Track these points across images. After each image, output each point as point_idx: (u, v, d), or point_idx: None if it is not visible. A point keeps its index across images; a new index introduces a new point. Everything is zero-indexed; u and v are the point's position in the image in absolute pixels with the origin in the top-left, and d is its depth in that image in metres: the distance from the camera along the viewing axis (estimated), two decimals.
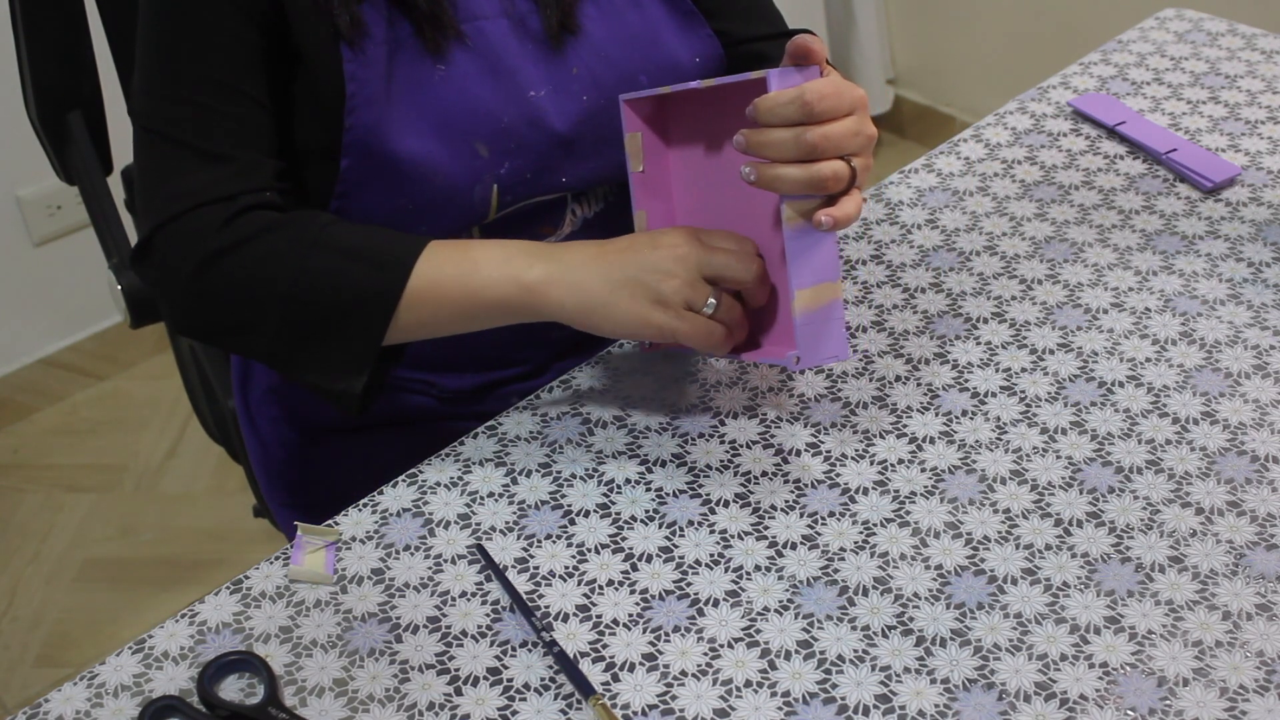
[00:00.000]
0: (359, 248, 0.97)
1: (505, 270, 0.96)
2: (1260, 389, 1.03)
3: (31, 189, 2.26)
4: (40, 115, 1.33)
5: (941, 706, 0.82)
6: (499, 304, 0.97)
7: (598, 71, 1.07)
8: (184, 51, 0.99)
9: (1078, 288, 1.14)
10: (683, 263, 0.94)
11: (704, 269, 0.94)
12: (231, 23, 0.98)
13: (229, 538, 2.11)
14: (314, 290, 0.95)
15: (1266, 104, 1.36)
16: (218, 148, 0.98)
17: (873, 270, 1.17)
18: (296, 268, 0.95)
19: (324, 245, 0.96)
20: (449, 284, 0.96)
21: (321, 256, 0.96)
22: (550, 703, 0.84)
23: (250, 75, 1.00)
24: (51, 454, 2.29)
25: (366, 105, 1.00)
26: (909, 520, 0.94)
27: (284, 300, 0.96)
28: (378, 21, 1.00)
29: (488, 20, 1.04)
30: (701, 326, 0.94)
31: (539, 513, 0.96)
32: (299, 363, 0.98)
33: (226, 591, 0.92)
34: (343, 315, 0.96)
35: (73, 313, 2.41)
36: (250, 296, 0.97)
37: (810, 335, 0.91)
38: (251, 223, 0.97)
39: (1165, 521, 0.93)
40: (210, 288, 0.97)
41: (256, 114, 1.00)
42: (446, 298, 0.96)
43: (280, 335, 0.97)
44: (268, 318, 0.97)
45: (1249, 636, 0.85)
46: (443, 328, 0.99)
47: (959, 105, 2.86)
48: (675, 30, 1.10)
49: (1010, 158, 1.31)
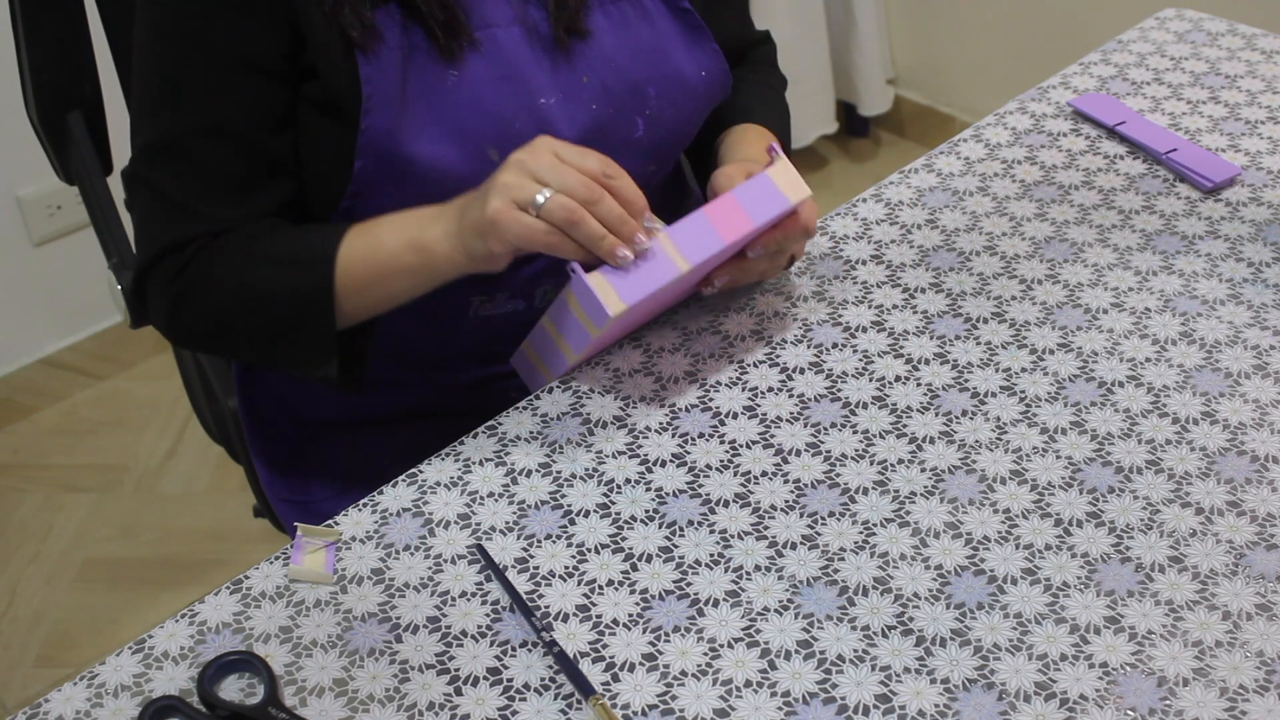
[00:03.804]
0: (285, 254, 1.04)
1: (403, 237, 1.01)
2: (1260, 389, 1.03)
3: (31, 189, 2.26)
4: (40, 115, 1.33)
5: (941, 706, 0.82)
6: (410, 271, 1.02)
7: (607, 81, 1.08)
8: (175, 93, 1.03)
9: (1078, 288, 1.14)
10: (517, 166, 0.96)
11: (534, 172, 0.96)
12: (227, 64, 1.02)
13: (229, 538, 2.11)
14: (259, 302, 1.04)
15: (1266, 104, 1.36)
16: (182, 197, 1.05)
17: (873, 270, 1.17)
18: (238, 285, 1.04)
19: (256, 259, 1.04)
20: (363, 267, 1.02)
21: (255, 270, 1.03)
22: (550, 703, 0.84)
23: (244, 111, 1.04)
24: (51, 454, 2.29)
25: (381, 109, 1.01)
26: (909, 520, 0.94)
27: (239, 317, 1.05)
28: (391, 27, 1.01)
29: (500, 28, 1.05)
30: (523, 223, 0.95)
31: (539, 513, 0.96)
32: (280, 361, 1.10)
33: (226, 591, 0.92)
34: (291, 318, 1.04)
35: (73, 313, 2.41)
36: (217, 322, 1.06)
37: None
38: (198, 263, 1.04)
39: (1165, 521, 0.93)
40: (183, 327, 1.08)
41: (238, 154, 1.05)
42: (371, 277, 1.02)
43: (253, 344, 1.08)
44: (237, 334, 1.07)
45: (1249, 636, 0.85)
46: (390, 301, 1.05)
47: (959, 105, 2.86)
48: (683, 45, 1.11)
49: (1010, 158, 1.31)
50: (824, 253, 1.19)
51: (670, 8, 1.11)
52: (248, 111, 1.03)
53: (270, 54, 1.02)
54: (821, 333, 1.10)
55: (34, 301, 2.36)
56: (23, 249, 2.31)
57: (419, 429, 1.21)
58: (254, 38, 1.01)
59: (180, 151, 1.03)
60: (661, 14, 1.11)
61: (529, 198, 0.94)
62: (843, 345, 1.09)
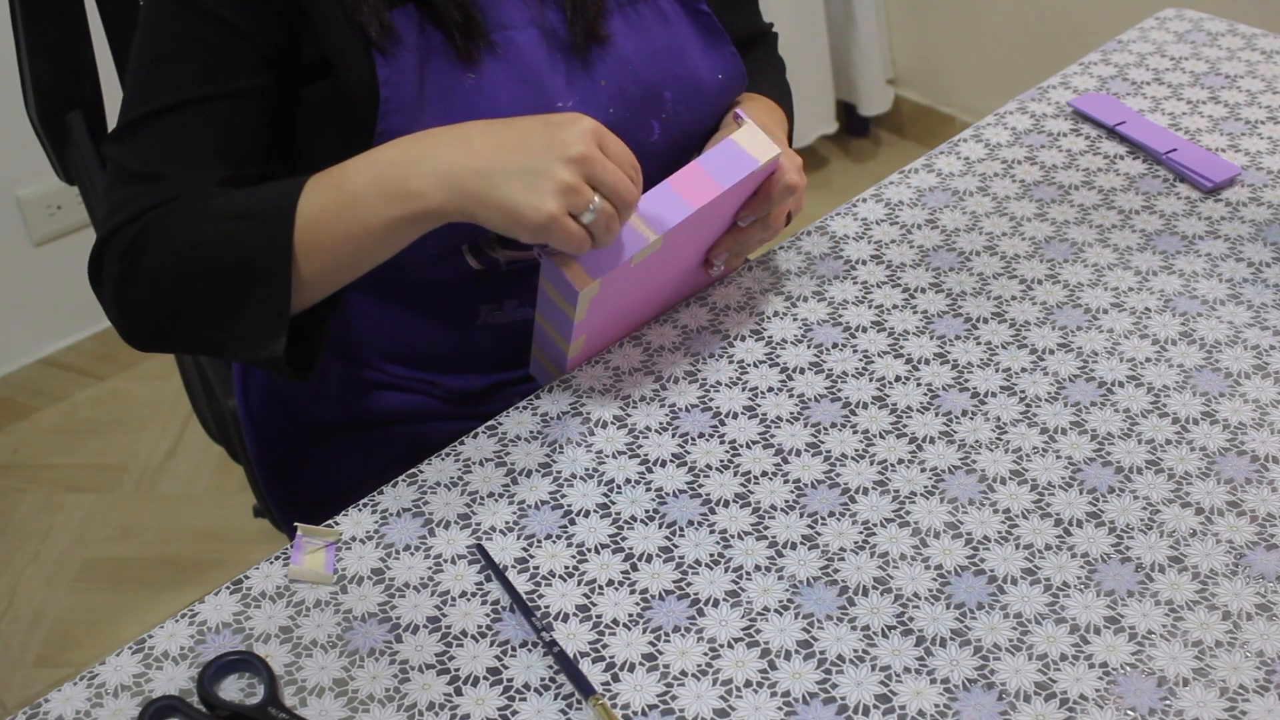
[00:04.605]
0: (241, 209, 0.95)
1: (381, 194, 0.93)
2: (1260, 389, 1.03)
3: (31, 189, 2.26)
4: (40, 115, 1.33)
5: (941, 706, 0.82)
6: (390, 230, 0.94)
7: (624, 84, 1.07)
8: (151, 68, 1.00)
9: (1078, 288, 1.14)
10: (576, 165, 0.91)
11: (590, 173, 0.91)
12: (211, 32, 0.98)
13: (229, 538, 2.11)
14: (209, 262, 0.94)
15: (1266, 104, 1.36)
16: (144, 167, 0.98)
17: (873, 270, 1.17)
18: (187, 244, 0.94)
19: (210, 215, 0.95)
20: (334, 224, 0.94)
21: (209, 226, 0.94)
22: (550, 703, 0.84)
23: (220, 81, 0.99)
24: (51, 454, 2.29)
25: (398, 111, 1.00)
26: (909, 520, 0.94)
27: (186, 281, 0.95)
28: (409, 29, 1.00)
29: (518, 30, 1.04)
30: (569, 231, 0.91)
31: (539, 513, 0.96)
32: (224, 340, 0.97)
33: (226, 591, 0.92)
34: (242, 278, 0.94)
35: (73, 313, 2.41)
36: (161, 290, 0.96)
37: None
38: (149, 228, 0.96)
39: (1165, 521, 0.93)
40: (130, 303, 0.98)
41: (213, 124, 0.99)
42: (339, 236, 0.94)
43: (199, 315, 0.96)
44: (183, 304, 0.96)
45: (1249, 636, 0.85)
46: (355, 265, 0.96)
47: (959, 105, 2.86)
48: (701, 47, 1.11)
49: (1010, 158, 1.31)
50: (824, 253, 1.19)
51: (688, 10, 1.10)
52: (231, 91, 0.99)
53: (265, 39, 1.00)
54: (821, 333, 1.10)
55: (34, 301, 2.36)
56: (23, 249, 2.31)
57: (420, 431, 1.21)
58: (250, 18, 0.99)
59: (156, 124, 0.98)
60: (679, 17, 1.10)
61: (584, 207, 0.90)
62: (843, 345, 1.09)
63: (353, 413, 1.22)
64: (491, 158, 0.91)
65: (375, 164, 0.94)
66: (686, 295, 1.14)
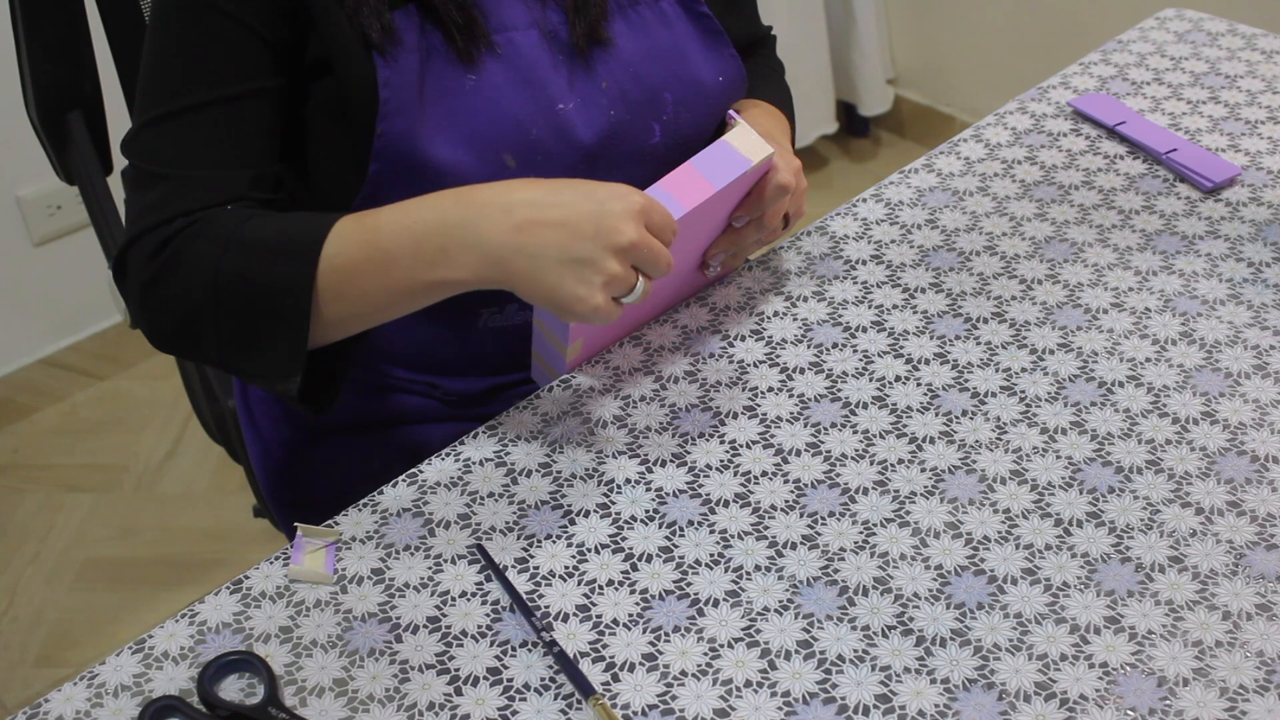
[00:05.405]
0: (269, 241, 0.94)
1: (418, 259, 0.92)
2: (1260, 389, 1.03)
3: (31, 189, 2.26)
4: (40, 115, 1.33)
5: (941, 706, 0.82)
6: (424, 292, 0.94)
7: (625, 86, 1.07)
8: (168, 67, 1.00)
9: (1078, 288, 1.14)
10: (625, 253, 0.91)
11: (639, 260, 0.92)
12: (227, 32, 0.98)
13: (229, 538, 2.11)
14: (232, 293, 0.94)
15: (1266, 104, 1.36)
16: (166, 167, 0.98)
17: (873, 270, 1.17)
18: (213, 270, 0.94)
19: (237, 244, 0.95)
20: (363, 278, 0.93)
21: (235, 257, 0.94)
22: (550, 703, 0.84)
23: (237, 81, 0.99)
24: (51, 454, 2.29)
25: (399, 112, 1.00)
26: (909, 520, 0.94)
27: (208, 308, 0.95)
28: (410, 29, 1.00)
29: (519, 31, 1.04)
30: (613, 313, 0.92)
31: (539, 513, 0.96)
32: (243, 368, 0.98)
33: (226, 591, 0.92)
34: (262, 314, 0.94)
35: (73, 313, 2.41)
36: (184, 309, 0.96)
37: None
38: (180, 240, 0.96)
39: (1165, 521, 0.93)
40: (154, 311, 0.98)
41: (234, 124, 0.99)
42: (368, 289, 0.93)
43: (219, 341, 0.96)
44: (204, 328, 0.96)
45: (1249, 636, 0.85)
46: (381, 316, 0.96)
47: (959, 105, 2.86)
48: (702, 50, 1.11)
49: (1010, 158, 1.31)
50: (824, 253, 1.19)
51: (689, 12, 1.10)
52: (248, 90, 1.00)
53: (276, 37, 0.99)
54: (821, 333, 1.10)
55: (34, 301, 2.36)
56: (23, 249, 2.31)
57: (420, 432, 1.21)
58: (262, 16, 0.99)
59: (175, 123, 0.99)
60: (680, 19, 1.10)
61: (628, 291, 0.92)
62: (843, 345, 1.09)
63: (353, 414, 1.22)
64: (538, 238, 0.90)
65: (412, 228, 0.93)
66: (685, 297, 1.14)
